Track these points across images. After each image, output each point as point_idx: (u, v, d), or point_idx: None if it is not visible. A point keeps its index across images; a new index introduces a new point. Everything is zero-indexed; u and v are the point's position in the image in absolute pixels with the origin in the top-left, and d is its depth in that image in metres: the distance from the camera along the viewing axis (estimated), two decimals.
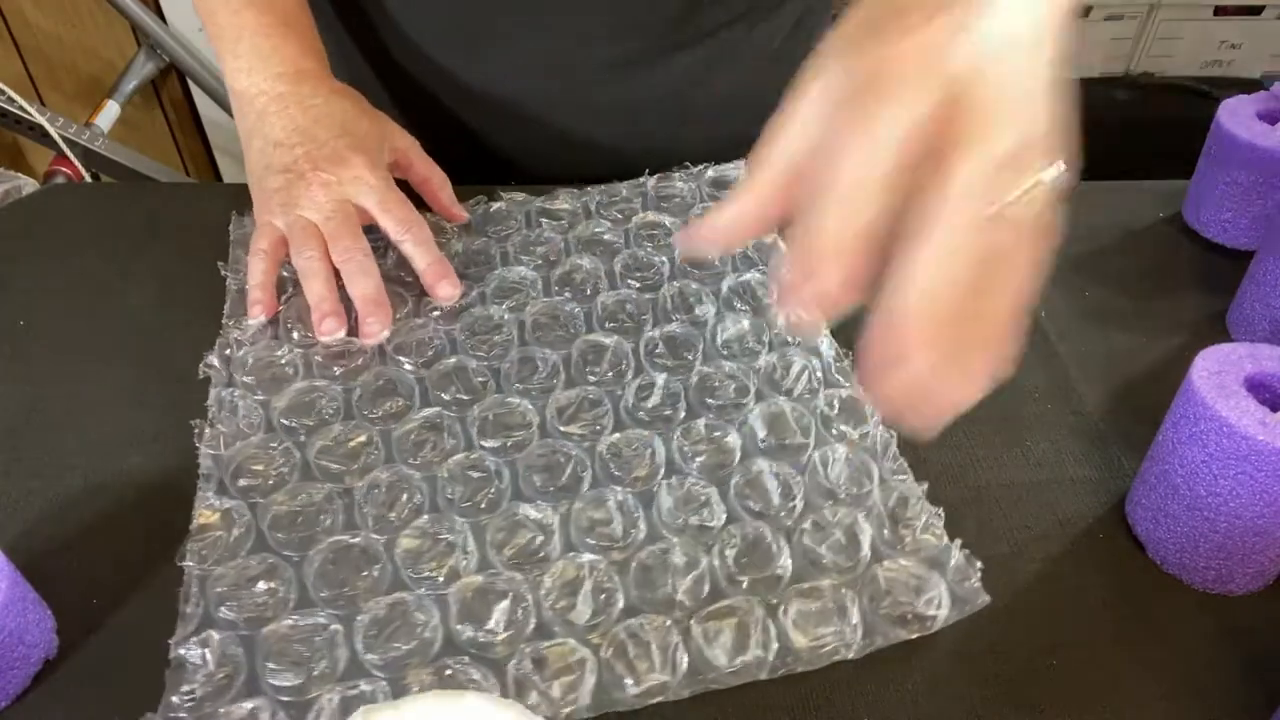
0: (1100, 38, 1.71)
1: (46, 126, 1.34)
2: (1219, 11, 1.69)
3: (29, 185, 1.27)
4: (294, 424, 0.48)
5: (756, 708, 0.39)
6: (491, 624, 0.40)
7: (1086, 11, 1.68)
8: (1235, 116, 0.59)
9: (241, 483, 0.45)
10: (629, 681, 0.39)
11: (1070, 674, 0.41)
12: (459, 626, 0.40)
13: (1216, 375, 0.42)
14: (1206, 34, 1.72)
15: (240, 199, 0.64)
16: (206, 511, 0.44)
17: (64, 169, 1.39)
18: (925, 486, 0.47)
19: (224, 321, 0.54)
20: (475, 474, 0.46)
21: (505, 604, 0.41)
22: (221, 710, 0.37)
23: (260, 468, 0.46)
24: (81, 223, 0.62)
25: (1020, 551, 0.45)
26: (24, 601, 0.39)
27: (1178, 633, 0.43)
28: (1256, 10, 1.68)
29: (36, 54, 1.59)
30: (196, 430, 0.48)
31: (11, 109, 1.32)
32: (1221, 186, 0.60)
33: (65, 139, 1.36)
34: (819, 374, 0.52)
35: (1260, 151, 0.57)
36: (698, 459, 0.47)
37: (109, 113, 1.50)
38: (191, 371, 0.51)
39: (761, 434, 0.49)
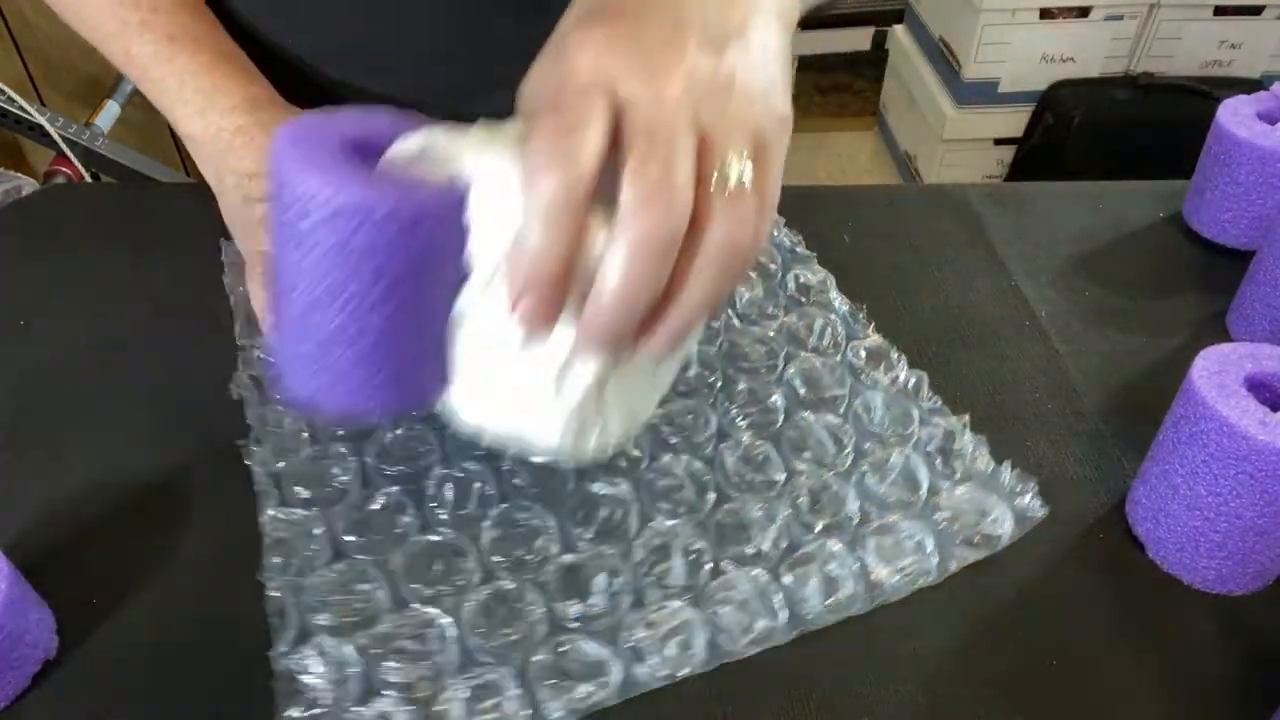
0: (1100, 38, 1.71)
1: (46, 126, 1.34)
2: (1219, 11, 1.69)
3: (29, 185, 1.28)
4: (344, 432, 0.48)
5: (755, 707, 0.39)
6: (593, 598, 0.42)
7: (1086, 11, 1.69)
8: (1235, 116, 0.59)
9: (303, 495, 0.45)
10: (737, 632, 0.41)
11: (1070, 674, 0.41)
12: (562, 605, 0.42)
13: (1216, 375, 0.42)
14: (1206, 34, 1.72)
15: None
16: (276, 525, 0.44)
17: (64, 169, 1.39)
18: (966, 417, 0.50)
19: (239, 342, 0.53)
20: (537, 459, 0.47)
21: (602, 577, 0.42)
22: (347, 716, 0.38)
23: (318, 478, 0.46)
24: (81, 223, 0.62)
25: (1020, 551, 0.45)
26: (24, 601, 0.39)
27: (1178, 633, 0.43)
28: (1256, 10, 1.69)
29: (36, 54, 1.59)
30: (242, 448, 0.47)
31: (11, 109, 1.32)
32: (1221, 186, 0.60)
33: (65, 139, 1.36)
34: (839, 328, 0.55)
35: (1260, 151, 0.57)
36: (747, 419, 0.50)
37: (109, 113, 1.50)
38: (191, 371, 0.51)
39: (802, 390, 0.51)
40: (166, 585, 0.43)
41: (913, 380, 0.52)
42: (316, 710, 0.38)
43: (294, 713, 0.38)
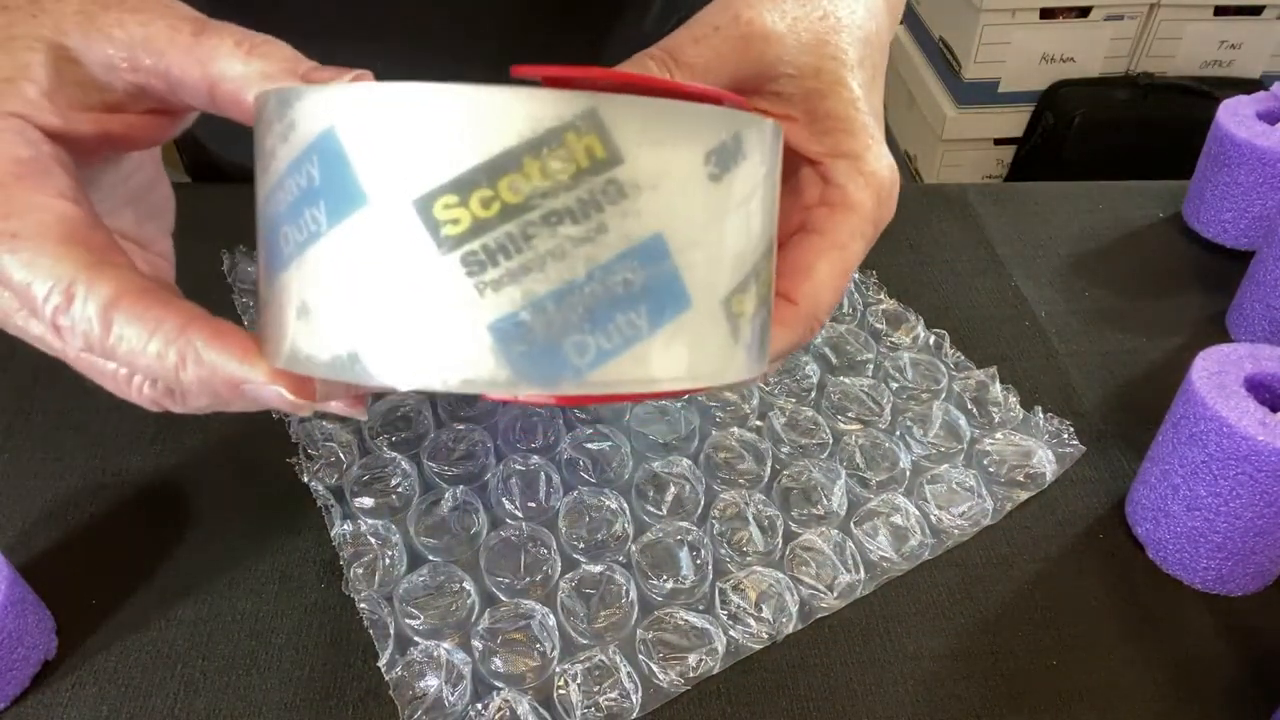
0: (1100, 38, 1.71)
1: None
2: (1219, 11, 1.69)
3: None
4: (395, 439, 0.48)
5: (756, 708, 0.39)
6: (684, 572, 0.43)
7: (1086, 11, 1.69)
8: (1235, 116, 0.59)
9: (368, 505, 0.45)
10: (823, 590, 0.43)
11: (1070, 674, 0.41)
12: (654, 582, 0.43)
13: (1216, 375, 0.42)
14: (1206, 34, 1.72)
15: (239, 199, 0.64)
16: (351, 538, 0.44)
17: None
18: (994, 369, 0.52)
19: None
20: (594, 446, 0.48)
21: (684, 551, 0.44)
22: (472, 714, 0.38)
23: (379, 487, 0.46)
24: None
25: (1020, 551, 0.45)
26: (24, 602, 0.39)
27: (1178, 633, 0.43)
28: (1256, 10, 1.69)
29: None
30: (294, 465, 0.47)
31: None
32: (1221, 186, 0.60)
33: None
34: (856, 295, 0.58)
35: (1260, 151, 0.57)
36: (785, 390, 0.51)
37: None
38: None
39: (833, 359, 0.53)
40: (166, 585, 0.43)
41: (933, 339, 0.55)
42: (440, 714, 0.38)
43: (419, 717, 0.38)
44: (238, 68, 0.26)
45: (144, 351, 0.25)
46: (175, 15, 0.27)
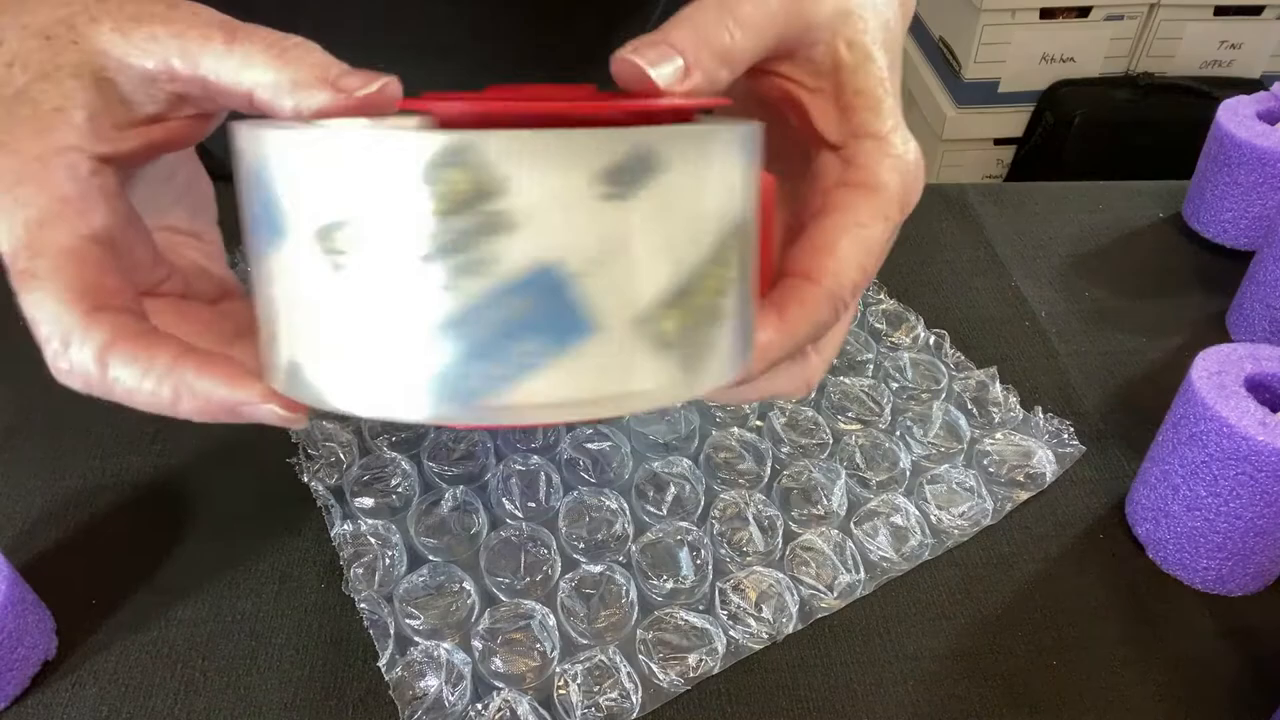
0: (1100, 38, 1.71)
1: None
2: (1219, 11, 1.69)
3: None
4: (395, 439, 0.48)
5: (756, 707, 0.39)
6: (684, 572, 0.43)
7: (1086, 11, 1.69)
8: (1235, 116, 0.59)
9: (368, 505, 0.45)
10: (823, 590, 0.43)
11: (1070, 674, 0.41)
12: (654, 582, 0.43)
13: (1216, 375, 0.42)
14: (1206, 34, 1.72)
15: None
16: (351, 539, 0.44)
17: None
18: (994, 369, 0.52)
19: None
20: (594, 446, 0.48)
21: (684, 552, 0.44)
22: (472, 714, 0.38)
23: (379, 487, 0.46)
24: None
25: (1020, 551, 0.45)
26: (23, 603, 0.39)
27: (1178, 633, 0.43)
28: (1256, 10, 1.69)
29: None
30: (294, 465, 0.47)
31: None
32: (1221, 186, 0.60)
33: None
34: None
35: (1260, 151, 0.57)
36: None
37: None
38: None
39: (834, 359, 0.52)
40: (166, 585, 0.43)
41: (933, 339, 0.55)
42: (440, 714, 0.38)
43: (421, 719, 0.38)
44: (270, 75, 0.27)
45: (140, 389, 0.27)
46: (204, 23, 0.28)
